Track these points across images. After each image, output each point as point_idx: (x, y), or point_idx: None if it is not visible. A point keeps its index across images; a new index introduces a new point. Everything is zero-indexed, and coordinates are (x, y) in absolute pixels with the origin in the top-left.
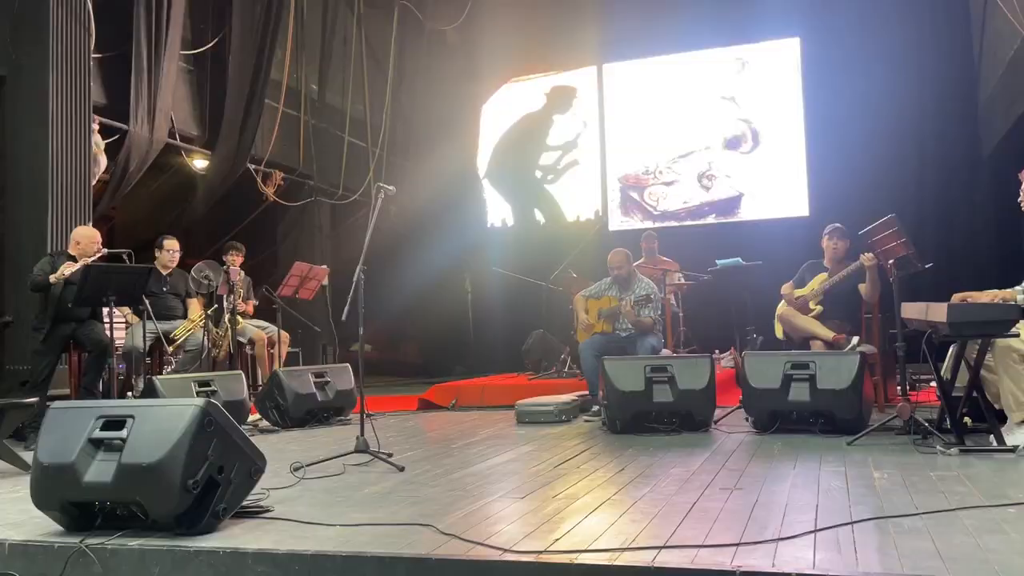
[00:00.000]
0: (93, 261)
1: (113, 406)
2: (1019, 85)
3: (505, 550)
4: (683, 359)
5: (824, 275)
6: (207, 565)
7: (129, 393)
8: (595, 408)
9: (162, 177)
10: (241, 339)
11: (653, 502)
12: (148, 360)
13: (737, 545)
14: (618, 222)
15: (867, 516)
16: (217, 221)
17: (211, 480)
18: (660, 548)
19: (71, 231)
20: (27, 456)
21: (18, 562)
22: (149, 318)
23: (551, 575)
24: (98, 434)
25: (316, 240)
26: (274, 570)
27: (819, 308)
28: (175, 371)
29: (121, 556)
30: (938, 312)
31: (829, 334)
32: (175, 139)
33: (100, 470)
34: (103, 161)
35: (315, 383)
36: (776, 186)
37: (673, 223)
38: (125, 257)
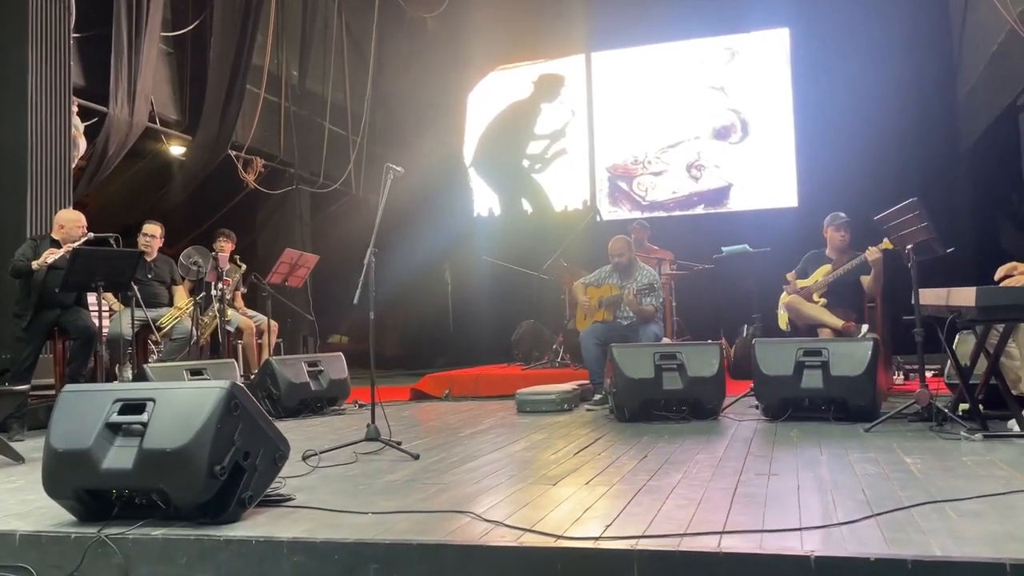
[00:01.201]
0: (79, 245)
1: (131, 389)
2: (1002, 78)
3: (558, 536)
4: (692, 346)
5: (828, 266)
6: (238, 555)
7: (115, 382)
8: (597, 397)
9: (139, 164)
10: (228, 328)
11: (691, 488)
12: (130, 349)
13: (800, 530)
14: (606, 212)
15: (921, 500)
16: (195, 208)
17: (237, 466)
18: (721, 533)
19: (51, 215)
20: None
21: (30, 554)
22: (138, 305)
23: (613, 562)
24: (116, 418)
25: (296, 228)
26: (311, 559)
27: (823, 300)
28: (160, 360)
29: (144, 546)
30: (965, 296)
31: (838, 322)
32: (155, 123)
33: (119, 456)
34: (82, 144)
35: (308, 372)
36: (765, 176)
37: (662, 213)
38: (112, 241)
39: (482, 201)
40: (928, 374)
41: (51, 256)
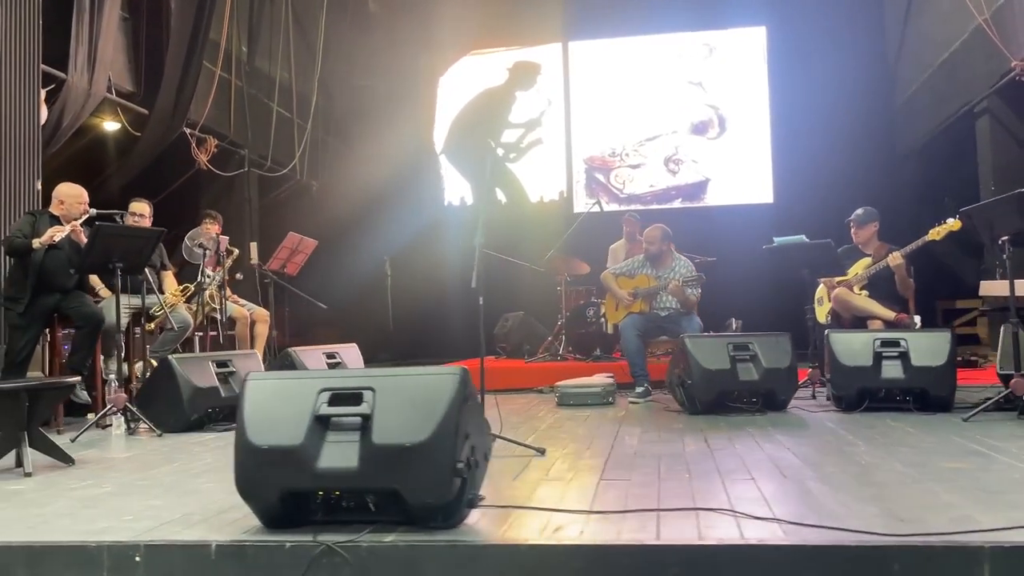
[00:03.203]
0: (80, 223)
1: (337, 376)
2: (958, 81)
3: (878, 534)
4: (764, 337)
5: (867, 259)
6: (508, 562)
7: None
8: (639, 390)
9: (89, 135)
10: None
11: (885, 475)
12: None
13: None
14: (583, 204)
15: None
16: (141, 186)
17: (467, 462)
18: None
19: (20, 187)
20: None
21: (230, 567)
22: (150, 291)
23: (960, 560)
24: (326, 410)
25: (245, 212)
26: (597, 566)
27: (864, 292)
28: (154, 351)
29: (382, 555)
30: None
31: (890, 314)
32: (111, 93)
33: (338, 453)
34: (44, 113)
35: (328, 364)
36: (742, 172)
37: (639, 207)
38: (117, 219)
39: (453, 189)
40: None
41: (58, 234)
